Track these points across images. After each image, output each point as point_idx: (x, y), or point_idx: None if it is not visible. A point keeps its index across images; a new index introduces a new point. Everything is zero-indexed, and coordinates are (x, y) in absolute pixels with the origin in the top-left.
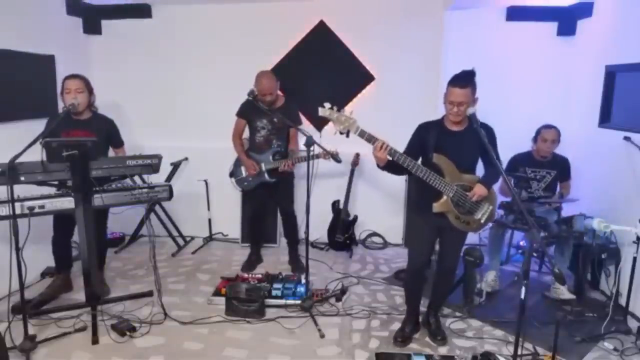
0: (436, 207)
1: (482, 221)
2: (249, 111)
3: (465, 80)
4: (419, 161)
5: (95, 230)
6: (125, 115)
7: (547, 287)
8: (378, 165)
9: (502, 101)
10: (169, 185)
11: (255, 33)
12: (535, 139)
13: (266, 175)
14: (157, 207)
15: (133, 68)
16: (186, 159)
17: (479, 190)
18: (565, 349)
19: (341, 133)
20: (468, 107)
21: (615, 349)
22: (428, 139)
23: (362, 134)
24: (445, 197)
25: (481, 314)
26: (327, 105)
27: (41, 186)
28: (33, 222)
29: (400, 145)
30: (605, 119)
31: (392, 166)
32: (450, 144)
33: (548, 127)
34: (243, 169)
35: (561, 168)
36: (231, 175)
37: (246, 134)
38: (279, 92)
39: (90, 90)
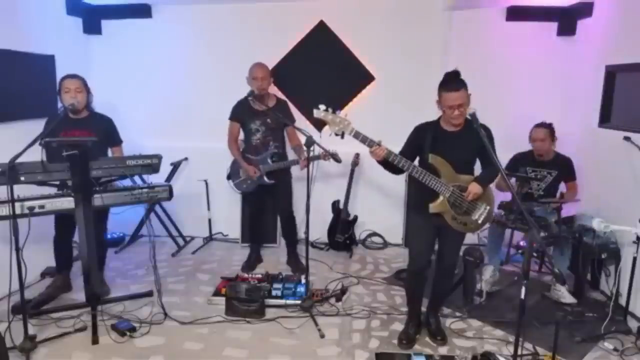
0: (432, 207)
1: (480, 222)
2: (241, 113)
3: (456, 81)
4: (416, 162)
5: (95, 230)
6: (125, 115)
7: (547, 287)
8: (377, 160)
9: (501, 101)
10: (169, 185)
11: (255, 33)
12: (530, 138)
13: (265, 178)
14: (157, 207)
15: (133, 68)
16: (186, 159)
17: (474, 188)
18: (565, 349)
19: (336, 134)
20: (467, 105)
21: (615, 349)
22: (424, 139)
23: (357, 135)
24: (441, 198)
25: (481, 314)
26: (322, 107)
27: (41, 186)
28: (33, 222)
29: (399, 146)
30: (605, 119)
31: (388, 164)
32: (445, 144)
33: (537, 125)
34: (241, 171)
35: (563, 168)
36: (229, 178)
37: (241, 135)
38: (273, 93)
39: (88, 90)
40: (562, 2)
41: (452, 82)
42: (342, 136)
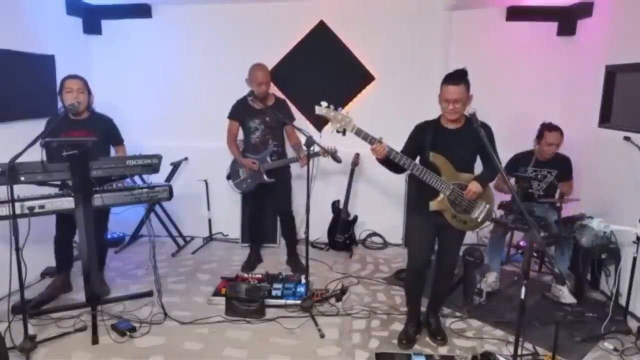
0: (433, 205)
1: (479, 220)
2: (240, 112)
3: (458, 77)
4: (417, 160)
5: (95, 231)
6: (125, 115)
7: (547, 287)
8: (377, 159)
9: (501, 101)
10: (169, 185)
11: (255, 33)
12: (539, 139)
13: (265, 176)
14: (157, 207)
15: (133, 68)
16: (186, 159)
17: (473, 186)
18: (565, 349)
19: (338, 132)
20: (464, 104)
21: (615, 349)
22: (425, 138)
23: (359, 133)
24: (441, 196)
25: (481, 314)
26: (324, 103)
27: (41, 186)
28: (33, 222)
29: (400, 146)
30: (605, 119)
31: (389, 163)
32: (446, 142)
33: (552, 128)
34: (241, 171)
35: (562, 167)
36: (228, 177)
37: (240, 135)
38: (271, 92)
39: (89, 91)
40: (562, 2)
41: (454, 76)
42: (344, 133)
